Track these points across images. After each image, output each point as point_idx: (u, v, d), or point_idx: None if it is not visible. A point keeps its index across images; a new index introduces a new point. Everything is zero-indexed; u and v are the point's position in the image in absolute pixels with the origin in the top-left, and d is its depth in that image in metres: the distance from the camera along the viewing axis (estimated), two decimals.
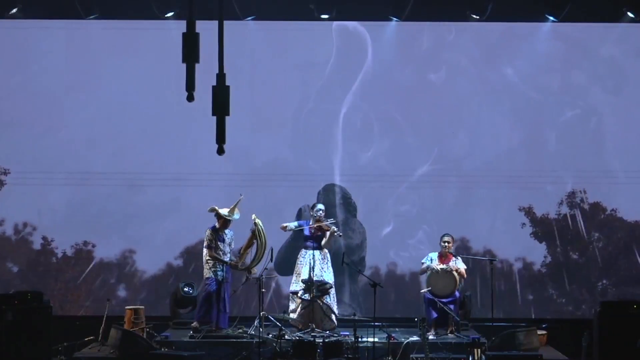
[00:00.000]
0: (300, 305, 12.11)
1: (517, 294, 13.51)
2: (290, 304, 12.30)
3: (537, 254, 13.73)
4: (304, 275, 12.10)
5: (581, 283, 13.70)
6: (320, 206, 12.33)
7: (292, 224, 12.36)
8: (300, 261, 12.25)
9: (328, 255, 12.29)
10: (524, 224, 13.74)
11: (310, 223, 12.25)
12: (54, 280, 13.76)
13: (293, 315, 12.09)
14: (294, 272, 12.29)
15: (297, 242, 12.62)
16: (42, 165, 13.77)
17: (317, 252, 12.18)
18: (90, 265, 13.81)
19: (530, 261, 13.60)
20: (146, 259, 13.89)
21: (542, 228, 13.76)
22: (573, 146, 13.82)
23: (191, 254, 13.68)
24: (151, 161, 13.82)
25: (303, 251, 12.31)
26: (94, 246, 13.87)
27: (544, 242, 13.78)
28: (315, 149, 13.90)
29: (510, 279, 13.33)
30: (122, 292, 13.74)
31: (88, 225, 13.87)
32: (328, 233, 12.17)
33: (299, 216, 13.34)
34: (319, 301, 11.99)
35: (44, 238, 13.90)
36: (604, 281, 13.69)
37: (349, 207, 13.78)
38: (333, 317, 12.13)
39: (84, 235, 13.86)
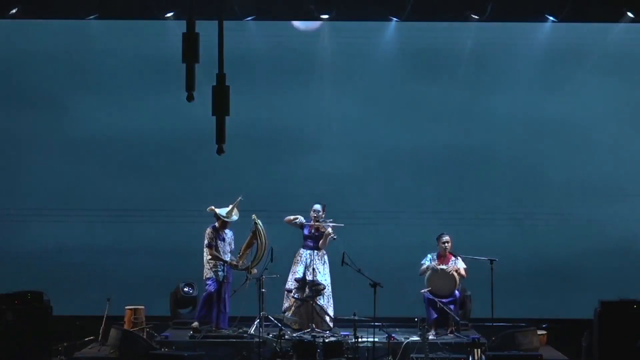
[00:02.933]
0: (294, 304, 12.13)
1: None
2: (284, 302, 12.30)
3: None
4: (299, 274, 12.12)
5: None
6: (317, 206, 12.30)
7: (297, 220, 12.32)
8: (297, 259, 12.26)
9: (326, 257, 12.27)
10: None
11: (311, 222, 12.26)
12: None
13: (287, 314, 12.10)
14: (290, 270, 12.29)
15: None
16: (29, 162, 13.81)
17: (314, 252, 12.19)
18: None
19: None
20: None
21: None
22: (565, 153, 13.87)
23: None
24: (148, 161, 13.85)
25: (301, 250, 12.30)
26: None
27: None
28: (314, 149, 13.90)
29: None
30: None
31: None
32: (325, 234, 12.18)
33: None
34: (312, 302, 12.00)
35: None
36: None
37: None
38: (327, 319, 12.10)
39: None
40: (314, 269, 12.04)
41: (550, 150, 13.97)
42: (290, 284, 12.22)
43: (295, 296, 12.07)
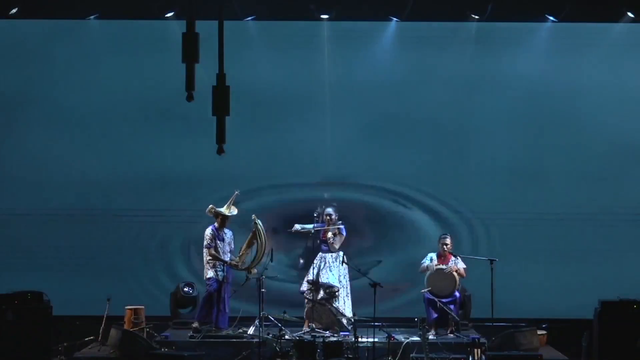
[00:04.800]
0: (307, 306, 12.19)
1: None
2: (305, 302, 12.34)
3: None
4: (310, 275, 12.22)
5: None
6: (330, 210, 12.41)
7: (308, 227, 12.37)
8: (314, 263, 12.35)
9: (340, 257, 12.31)
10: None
11: (325, 226, 12.36)
12: None
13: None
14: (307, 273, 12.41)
15: None
16: (28, 162, 13.81)
17: (328, 255, 12.28)
18: None
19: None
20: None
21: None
22: (566, 151, 13.91)
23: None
24: (148, 160, 13.84)
25: (319, 254, 12.42)
26: None
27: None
28: (313, 150, 13.91)
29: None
30: None
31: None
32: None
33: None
34: (327, 304, 12.02)
35: None
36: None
37: None
38: (344, 320, 12.06)
39: None
40: (321, 271, 12.09)
41: (550, 150, 13.96)
42: (303, 285, 12.30)
43: (307, 297, 12.09)
